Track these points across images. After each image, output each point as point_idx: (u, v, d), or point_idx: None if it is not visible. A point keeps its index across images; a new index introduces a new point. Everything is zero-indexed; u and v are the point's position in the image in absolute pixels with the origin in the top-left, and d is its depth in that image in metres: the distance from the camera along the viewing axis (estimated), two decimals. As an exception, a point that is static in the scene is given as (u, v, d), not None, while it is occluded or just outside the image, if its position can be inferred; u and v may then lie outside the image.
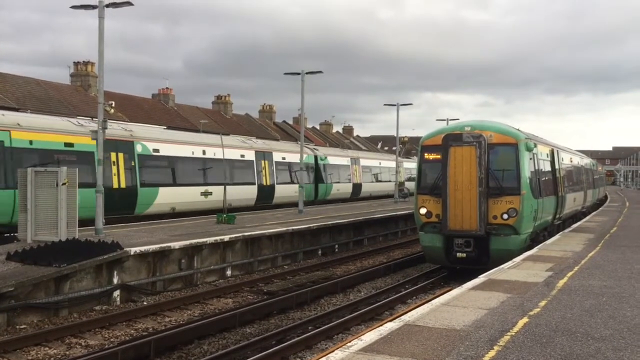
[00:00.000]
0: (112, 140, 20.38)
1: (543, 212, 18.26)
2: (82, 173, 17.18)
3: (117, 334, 11.88)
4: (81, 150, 19.68)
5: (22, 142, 17.96)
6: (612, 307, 9.28)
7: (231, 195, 26.01)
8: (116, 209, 20.63)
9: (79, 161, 19.12)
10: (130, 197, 21.47)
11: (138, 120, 54.62)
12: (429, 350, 6.98)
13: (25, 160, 17.83)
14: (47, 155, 18.66)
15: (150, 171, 22.50)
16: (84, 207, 17.27)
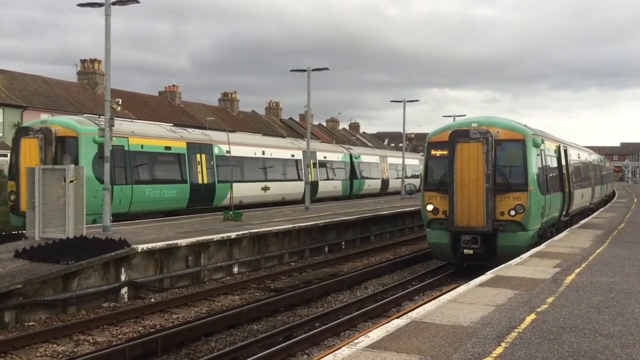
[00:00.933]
0: (196, 144, 24.18)
1: (551, 208, 18.19)
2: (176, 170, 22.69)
3: (125, 331, 11.92)
4: (176, 152, 23.16)
5: (136, 146, 21.32)
6: (620, 304, 9.24)
7: (284, 190, 30.13)
8: (200, 201, 24.16)
9: (174, 161, 22.93)
10: (210, 192, 24.74)
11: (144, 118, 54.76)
12: (436, 347, 6.97)
13: (138, 161, 21.29)
14: (153, 157, 22.08)
15: (224, 169, 25.42)
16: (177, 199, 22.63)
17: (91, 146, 19.68)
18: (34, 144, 19.26)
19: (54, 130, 19.68)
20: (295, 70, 29.46)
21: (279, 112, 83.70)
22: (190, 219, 22.48)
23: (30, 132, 19.72)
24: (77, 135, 19.62)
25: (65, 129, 19.80)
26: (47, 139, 19.35)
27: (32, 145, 19.27)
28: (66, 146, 19.70)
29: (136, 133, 21.76)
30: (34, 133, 19.61)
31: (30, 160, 18.97)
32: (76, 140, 19.55)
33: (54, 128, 19.73)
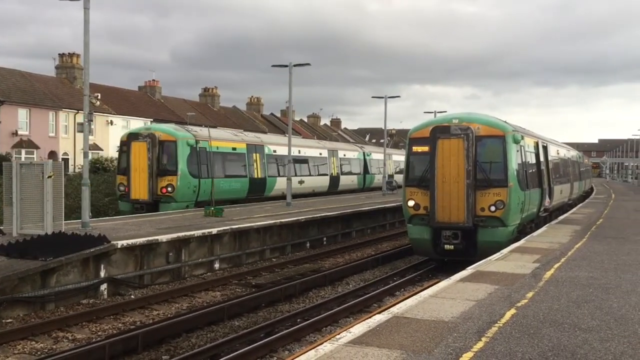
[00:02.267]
0: (253, 145, 29.29)
1: (530, 204, 18.36)
2: (240, 166, 27.87)
3: (105, 328, 11.81)
4: (239, 152, 28.11)
5: (214, 148, 26.04)
6: (599, 298, 9.35)
7: (315, 183, 35.48)
8: (255, 192, 29.01)
9: (238, 159, 27.88)
10: (262, 184, 29.53)
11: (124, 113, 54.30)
12: (418, 342, 7.00)
13: (216, 159, 26.05)
14: (225, 156, 26.90)
15: (272, 166, 30.46)
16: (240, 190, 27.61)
17: (186, 148, 24.41)
18: (143, 146, 23.80)
19: (157, 135, 24.13)
20: (276, 66, 29.37)
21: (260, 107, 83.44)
22: (172, 215, 22.33)
23: (139, 137, 24.11)
24: (175, 140, 24.26)
25: (167, 135, 24.42)
26: (153, 142, 23.80)
27: (142, 147, 23.81)
28: (166, 148, 24.16)
29: (213, 137, 26.29)
30: (142, 138, 23.99)
31: (140, 159, 23.72)
32: (175, 143, 24.20)
33: (157, 134, 24.22)
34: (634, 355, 6.68)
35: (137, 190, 23.51)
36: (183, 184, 23.93)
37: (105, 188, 27.89)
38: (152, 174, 23.58)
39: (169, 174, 23.84)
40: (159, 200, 23.84)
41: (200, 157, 24.98)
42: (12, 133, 42.92)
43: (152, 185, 23.54)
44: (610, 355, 6.66)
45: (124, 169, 24.44)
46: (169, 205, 23.81)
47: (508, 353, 6.63)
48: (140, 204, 23.67)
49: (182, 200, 24.10)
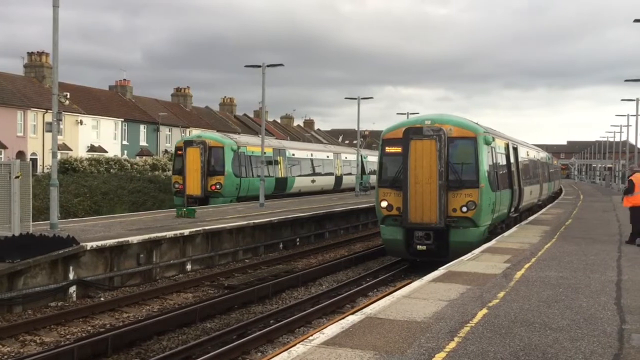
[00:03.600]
0: (277, 149, 35.08)
1: (501, 204, 18.56)
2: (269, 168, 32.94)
3: (74, 331, 11.60)
4: (268, 156, 32.50)
5: (250, 152, 31.35)
6: (569, 298, 9.46)
7: (324, 182, 40.63)
8: (280, 189, 34.20)
9: (247, 162, 31.42)
10: (285, 183, 34.96)
11: (94, 113, 53.54)
12: (391, 343, 7.00)
13: (252, 162, 31.34)
14: (257, 159, 31.26)
15: (292, 167, 35.85)
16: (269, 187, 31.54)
17: (230, 153, 29.66)
18: (196, 151, 28.90)
19: (208, 142, 29.34)
20: (249, 66, 29.26)
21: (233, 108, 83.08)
22: (143, 216, 22.04)
23: (193, 144, 29.35)
24: (222, 146, 29.63)
25: (215, 142, 29.88)
26: (204, 148, 28.94)
27: (195, 152, 28.89)
28: (215, 153, 29.32)
29: (249, 143, 32.09)
30: (196, 144, 29.17)
31: (194, 162, 28.79)
32: (222, 149, 29.56)
33: (207, 141, 29.48)
34: (604, 354, 6.77)
35: (191, 187, 28.61)
36: (228, 182, 29.42)
37: (75, 188, 27.46)
38: (203, 174, 28.68)
39: (217, 174, 29.20)
40: (209, 195, 28.89)
41: (241, 160, 30.46)
42: (-21, 132, 42.02)
43: (203, 183, 28.62)
44: (580, 354, 6.74)
45: (179, 170, 29.50)
46: (217, 200, 28.96)
47: (480, 353, 6.67)
48: (193, 199, 28.17)
49: (227, 196, 29.40)
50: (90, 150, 51.19)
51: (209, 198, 28.85)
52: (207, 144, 29.14)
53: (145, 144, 59.70)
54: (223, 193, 29.15)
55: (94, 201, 26.71)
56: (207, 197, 28.78)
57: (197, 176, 28.65)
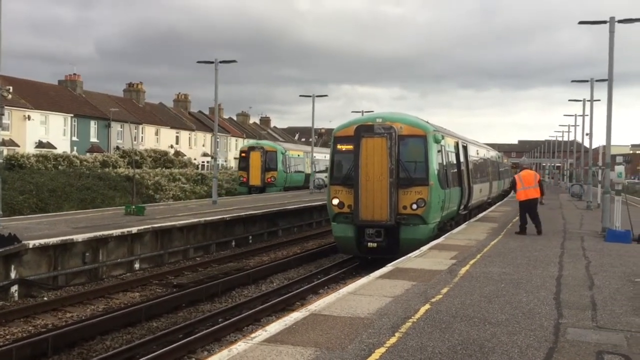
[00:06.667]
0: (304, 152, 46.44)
1: (450, 202, 18.84)
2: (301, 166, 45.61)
3: (14, 331, 11.28)
4: (302, 157, 45.66)
5: (291, 154, 43.68)
6: (510, 293, 9.67)
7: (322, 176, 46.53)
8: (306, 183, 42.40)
9: (302, 162, 45.02)
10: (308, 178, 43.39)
11: (43, 108, 52.13)
12: (333, 339, 7.02)
13: (293, 163, 43.50)
14: (296, 160, 44.20)
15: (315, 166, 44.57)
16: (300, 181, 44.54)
17: (280, 155, 41.06)
18: (257, 154, 39.90)
19: (265, 147, 40.67)
20: (202, 62, 28.94)
21: (187, 104, 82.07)
22: (91, 214, 21.58)
23: (255, 148, 40.67)
24: (275, 150, 40.93)
25: (271, 147, 41.32)
26: (263, 151, 40.07)
27: (257, 155, 39.96)
28: (270, 155, 40.55)
29: (291, 148, 44.70)
30: (257, 149, 40.51)
31: (256, 161, 39.87)
32: (275, 152, 40.75)
33: (265, 147, 40.97)
34: (539, 347, 6.94)
35: (253, 179, 39.99)
36: (279, 176, 41.01)
37: (20, 185, 26.66)
38: (262, 170, 39.97)
39: (272, 170, 40.51)
40: (266, 185, 40.07)
41: (286, 160, 42.02)
42: None
43: (262, 177, 39.98)
44: (516, 348, 6.88)
45: (243, 167, 40.86)
46: (271, 189, 40.08)
47: (419, 348, 6.75)
48: (255, 188, 39.49)
49: (279, 186, 40.97)
50: (38, 146, 49.83)
51: (266, 187, 39.94)
52: (265, 148, 40.67)
53: (96, 140, 58.44)
54: (276, 184, 40.62)
55: (40, 198, 25.99)
56: (264, 187, 39.86)
57: (258, 172, 39.89)
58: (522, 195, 17.93)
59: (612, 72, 19.70)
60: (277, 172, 40.69)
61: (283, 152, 41.74)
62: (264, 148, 40.70)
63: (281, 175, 41.19)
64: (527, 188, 17.86)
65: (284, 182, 41.66)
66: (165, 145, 65.48)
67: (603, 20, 20.18)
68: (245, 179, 40.13)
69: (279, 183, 41.05)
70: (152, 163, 47.25)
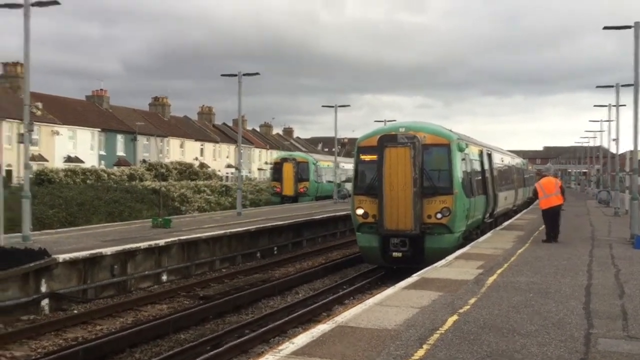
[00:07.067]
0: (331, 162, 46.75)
1: (475, 210, 18.72)
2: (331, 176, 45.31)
3: (45, 345, 11.44)
4: (331, 167, 45.89)
5: (322, 165, 44.87)
6: (538, 303, 9.57)
7: None
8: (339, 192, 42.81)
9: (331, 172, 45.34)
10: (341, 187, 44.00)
11: (70, 123, 53.07)
12: (360, 351, 7.02)
13: (324, 173, 44.77)
14: (326, 170, 45.32)
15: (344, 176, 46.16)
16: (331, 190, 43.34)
17: (312, 166, 42.65)
18: (290, 165, 41.51)
19: (297, 159, 42.64)
20: (225, 75, 29.23)
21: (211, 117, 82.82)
22: (118, 227, 21.85)
23: (288, 160, 42.30)
24: (307, 162, 42.73)
25: (303, 159, 43.23)
26: (295, 162, 41.75)
27: (289, 166, 41.40)
28: (302, 166, 41.95)
29: (322, 159, 46.47)
30: (290, 160, 42.12)
31: (289, 173, 41.34)
32: (307, 163, 42.52)
33: (297, 158, 42.77)
34: (570, 358, 6.86)
35: (286, 190, 41.29)
36: (311, 186, 42.43)
37: (50, 200, 27.10)
38: (295, 180, 41.28)
39: (304, 180, 42.12)
40: (299, 195, 41.35)
41: (318, 170, 43.42)
42: (-49, 144, 41.35)
43: (295, 186, 41.34)
44: (547, 359, 6.82)
45: (276, 178, 42.16)
46: (304, 198, 41.37)
47: (448, 359, 6.72)
48: (288, 197, 40.70)
49: (311, 195, 42.20)
50: (67, 160, 50.66)
51: (298, 197, 41.33)
52: (297, 160, 42.48)
53: (123, 154, 59.24)
54: (308, 193, 42.11)
55: (70, 212, 26.35)
56: (297, 196, 41.23)
57: (291, 182, 41.32)
58: (544, 203, 17.76)
59: (638, 76, 19.45)
60: (309, 182, 42.21)
61: (314, 162, 43.18)
62: (296, 159, 42.48)
63: (313, 185, 42.62)
64: (549, 196, 17.71)
65: (316, 192, 42.95)
66: (190, 157, 66.10)
67: (628, 25, 19.94)
68: (278, 189, 41.51)
69: (311, 193, 42.47)
70: (177, 175, 47.69)
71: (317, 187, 43.13)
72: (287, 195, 41.01)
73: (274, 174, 43.31)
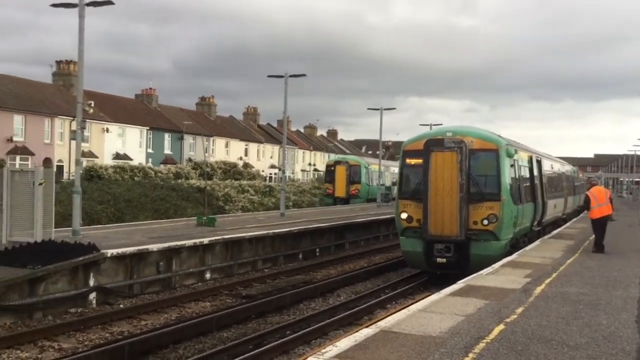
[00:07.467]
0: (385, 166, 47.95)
1: (523, 218, 18.32)
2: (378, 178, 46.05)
3: (92, 337, 11.69)
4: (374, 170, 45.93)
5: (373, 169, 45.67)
6: (589, 315, 9.29)
7: None
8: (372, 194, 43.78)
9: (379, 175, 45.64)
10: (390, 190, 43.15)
11: (121, 121, 54.27)
12: (404, 357, 6.92)
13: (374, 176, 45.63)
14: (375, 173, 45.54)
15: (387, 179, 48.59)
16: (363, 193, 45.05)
17: (364, 169, 43.93)
18: (343, 168, 43.34)
19: (350, 162, 44.23)
20: (272, 76, 29.45)
21: (256, 117, 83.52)
22: (164, 224, 22.22)
23: (341, 163, 44.35)
24: (359, 165, 44.19)
25: (355, 162, 44.76)
26: (348, 165, 43.54)
27: (342, 169, 43.26)
28: (354, 169, 43.44)
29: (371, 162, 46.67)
30: (342, 163, 44.05)
31: (341, 175, 43.15)
32: (359, 167, 43.76)
33: (350, 161, 44.51)
34: (622, 373, 6.62)
35: (339, 191, 43.04)
36: (363, 189, 43.63)
37: (99, 196, 27.78)
38: (347, 182, 43.14)
39: (356, 183, 43.29)
40: (350, 197, 42.82)
41: (369, 174, 44.41)
42: (7, 139, 42.82)
43: (347, 189, 42.76)
44: (597, 373, 6.60)
45: (329, 180, 43.90)
46: (355, 200, 42.58)
47: (494, 370, 6.56)
48: (340, 199, 42.21)
49: (362, 197, 43.30)
50: (115, 157, 51.85)
51: (350, 199, 42.58)
52: (349, 163, 44.12)
53: (170, 152, 60.28)
54: (359, 196, 43.31)
55: (117, 208, 26.99)
56: (349, 199, 42.56)
57: (343, 184, 42.95)
58: (597, 212, 17.20)
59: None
60: (361, 185, 43.54)
61: (366, 166, 44.59)
62: (348, 162, 44.25)
63: (364, 188, 43.82)
64: (601, 205, 17.17)
65: (367, 194, 43.84)
66: (234, 157, 66.84)
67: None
68: (331, 190, 43.36)
69: (362, 195, 43.67)
70: (222, 175, 48.31)
71: (368, 189, 44.10)
72: (339, 197, 42.58)
73: (327, 176, 45.00)
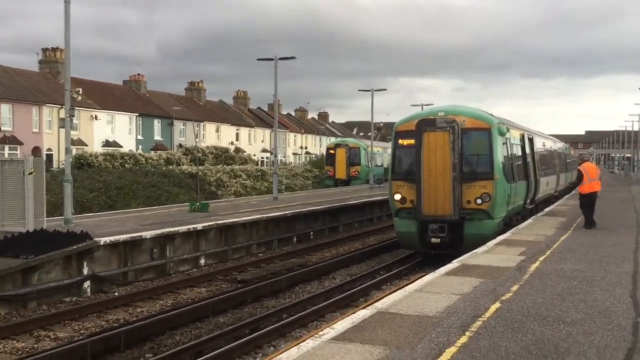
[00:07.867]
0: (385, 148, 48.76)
1: (516, 196, 18.35)
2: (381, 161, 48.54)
3: (87, 326, 11.66)
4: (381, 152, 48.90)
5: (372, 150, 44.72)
6: (584, 291, 9.32)
7: None
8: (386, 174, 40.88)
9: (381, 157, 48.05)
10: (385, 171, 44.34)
11: (109, 108, 53.87)
12: (401, 337, 6.93)
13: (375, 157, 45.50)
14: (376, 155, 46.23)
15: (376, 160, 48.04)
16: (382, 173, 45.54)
17: (363, 151, 45.07)
18: (343, 150, 44.76)
19: (349, 144, 45.97)
20: (262, 59, 29.21)
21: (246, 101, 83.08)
22: (157, 210, 22.12)
23: (341, 145, 45.78)
24: (359, 147, 45.41)
25: (354, 144, 46.28)
26: (348, 148, 45.02)
27: (342, 151, 44.59)
28: (354, 151, 44.85)
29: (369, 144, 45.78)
30: (342, 146, 45.42)
31: (341, 157, 44.61)
32: (359, 149, 45.17)
33: (349, 143, 46.24)
34: (618, 347, 6.65)
35: (339, 173, 44.57)
36: (362, 170, 44.97)
37: (89, 184, 27.60)
38: (347, 164, 44.33)
39: (356, 164, 44.82)
40: (351, 178, 44.22)
41: (368, 155, 44.77)
42: (-5, 129, 42.41)
43: (347, 171, 44.25)
44: (593, 348, 6.62)
45: (330, 163, 45.41)
46: (355, 182, 43.92)
47: (492, 347, 6.57)
48: (341, 181, 43.88)
49: (362, 179, 44.42)
50: (105, 145, 51.54)
51: (350, 181, 44.22)
52: (349, 145, 45.50)
53: (160, 139, 59.96)
54: (359, 177, 44.72)
55: (109, 196, 26.83)
56: (349, 180, 44.22)
57: (343, 166, 44.49)
58: (587, 188, 17.35)
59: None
60: (361, 167, 44.82)
61: (365, 148, 45.53)
62: (348, 145, 45.70)
63: (364, 169, 44.84)
64: (592, 180, 17.34)
65: (367, 175, 44.38)
66: (225, 142, 66.56)
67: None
68: (331, 173, 44.81)
69: (362, 176, 44.73)
70: (213, 160, 48.10)
71: (367, 171, 44.63)
72: (340, 178, 44.13)
73: (328, 159, 46.24)
